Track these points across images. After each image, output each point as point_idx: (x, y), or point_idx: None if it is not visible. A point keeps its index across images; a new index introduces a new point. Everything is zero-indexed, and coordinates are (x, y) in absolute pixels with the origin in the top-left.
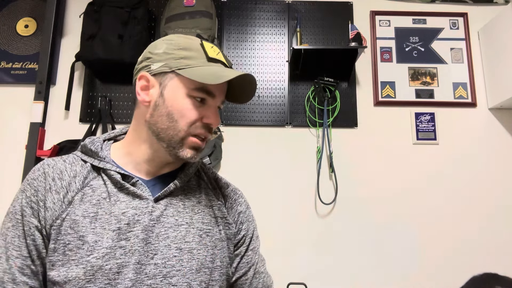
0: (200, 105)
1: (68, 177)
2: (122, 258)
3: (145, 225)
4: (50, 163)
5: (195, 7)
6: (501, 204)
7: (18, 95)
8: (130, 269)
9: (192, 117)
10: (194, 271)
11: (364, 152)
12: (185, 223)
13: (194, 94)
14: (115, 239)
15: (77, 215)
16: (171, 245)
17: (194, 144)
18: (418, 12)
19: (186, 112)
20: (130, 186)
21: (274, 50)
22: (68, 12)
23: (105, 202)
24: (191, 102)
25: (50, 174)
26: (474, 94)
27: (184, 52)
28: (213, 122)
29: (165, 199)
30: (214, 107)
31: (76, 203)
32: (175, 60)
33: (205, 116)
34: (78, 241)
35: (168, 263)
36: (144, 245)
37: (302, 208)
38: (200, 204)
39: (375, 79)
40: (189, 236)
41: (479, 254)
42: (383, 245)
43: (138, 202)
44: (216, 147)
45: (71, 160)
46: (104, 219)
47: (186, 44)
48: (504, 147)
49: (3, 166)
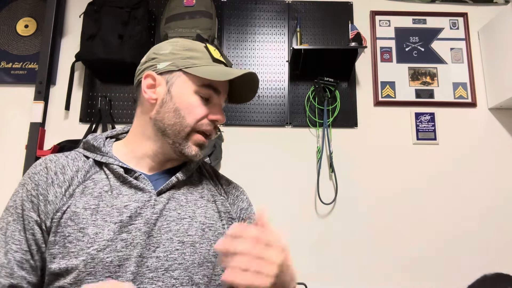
0: (206, 102)
1: (70, 171)
2: (123, 251)
3: (147, 218)
4: (52, 158)
5: (195, 7)
6: (501, 204)
7: (18, 95)
8: (131, 262)
9: (199, 113)
10: (196, 265)
11: (364, 152)
12: (187, 216)
13: (202, 91)
14: (117, 232)
15: (78, 207)
16: (174, 238)
17: (199, 141)
18: (418, 12)
19: (194, 108)
20: (133, 179)
21: (274, 50)
22: (68, 12)
23: (107, 195)
24: (198, 99)
25: (52, 168)
26: (474, 94)
27: (190, 53)
28: (219, 118)
29: (167, 193)
30: (219, 105)
31: (77, 195)
32: (182, 60)
33: (211, 113)
34: (79, 233)
35: (170, 256)
36: (146, 238)
37: (302, 208)
38: (203, 198)
39: (375, 79)
40: (192, 229)
41: (479, 254)
42: (383, 245)
43: (140, 195)
44: (216, 147)
45: (74, 156)
46: (105, 211)
47: (191, 45)
48: (504, 147)
49: (3, 166)
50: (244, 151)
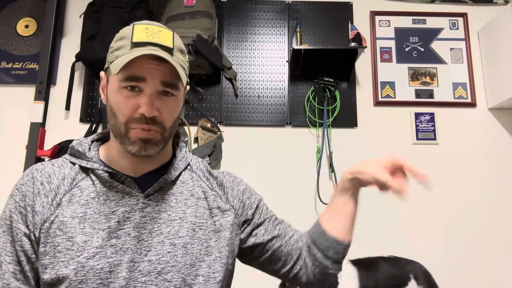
0: (135, 94)
1: (56, 180)
2: (113, 257)
3: (137, 222)
4: (38, 167)
5: (195, 7)
6: (501, 204)
7: (18, 95)
8: (123, 268)
9: (125, 110)
10: (188, 265)
11: (364, 152)
12: (178, 218)
13: (124, 84)
14: (105, 238)
15: (65, 216)
16: (165, 241)
17: (138, 137)
18: (418, 12)
19: (120, 105)
20: (119, 184)
21: (274, 50)
22: (68, 12)
23: (94, 202)
24: (124, 94)
25: (38, 178)
26: (473, 94)
27: (118, 43)
28: (143, 111)
29: (156, 195)
30: (148, 94)
31: (64, 204)
32: (111, 54)
33: (139, 106)
34: (68, 242)
35: (162, 259)
36: (136, 243)
37: (302, 208)
38: (193, 197)
39: (375, 79)
40: (183, 230)
41: (479, 254)
42: (383, 245)
43: (128, 200)
44: (216, 147)
45: (60, 163)
46: (93, 218)
47: (122, 33)
48: (503, 147)
49: (3, 166)
50: (244, 151)
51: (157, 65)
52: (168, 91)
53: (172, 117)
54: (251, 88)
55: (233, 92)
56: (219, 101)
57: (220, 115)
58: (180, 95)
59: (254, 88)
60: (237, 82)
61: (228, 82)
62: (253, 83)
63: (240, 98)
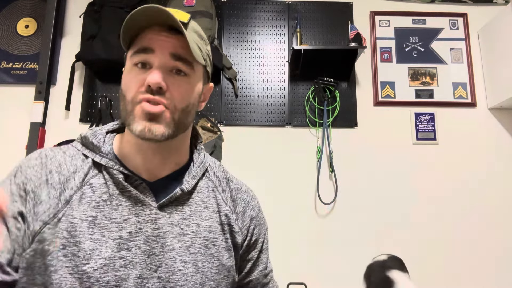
0: (144, 71)
1: (67, 172)
2: (121, 271)
3: (148, 235)
4: (48, 154)
5: (195, 7)
6: (501, 204)
7: (19, 95)
8: (130, 283)
9: (135, 85)
10: (198, 285)
11: (364, 152)
12: (190, 232)
13: (135, 59)
14: (115, 249)
15: (75, 218)
16: (176, 257)
17: (143, 110)
18: (418, 12)
19: (129, 84)
20: (133, 189)
21: (274, 50)
22: (68, 12)
23: (106, 206)
24: (134, 72)
25: (48, 165)
26: (473, 94)
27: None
28: (150, 80)
29: (170, 206)
30: (157, 66)
31: (74, 203)
32: (123, 33)
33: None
34: (74, 247)
35: (172, 278)
36: (146, 258)
37: (302, 208)
38: (208, 209)
39: (375, 79)
40: (195, 246)
41: (479, 254)
42: (383, 245)
43: (140, 209)
44: (216, 147)
45: (72, 153)
46: (103, 224)
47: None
48: (504, 147)
49: (3, 166)
50: (244, 151)
51: (167, 36)
52: (180, 68)
53: (184, 98)
54: (251, 88)
55: (233, 92)
56: (219, 101)
57: (220, 115)
58: (194, 78)
59: (254, 88)
60: (237, 82)
61: (228, 82)
62: (253, 83)
63: (240, 98)
